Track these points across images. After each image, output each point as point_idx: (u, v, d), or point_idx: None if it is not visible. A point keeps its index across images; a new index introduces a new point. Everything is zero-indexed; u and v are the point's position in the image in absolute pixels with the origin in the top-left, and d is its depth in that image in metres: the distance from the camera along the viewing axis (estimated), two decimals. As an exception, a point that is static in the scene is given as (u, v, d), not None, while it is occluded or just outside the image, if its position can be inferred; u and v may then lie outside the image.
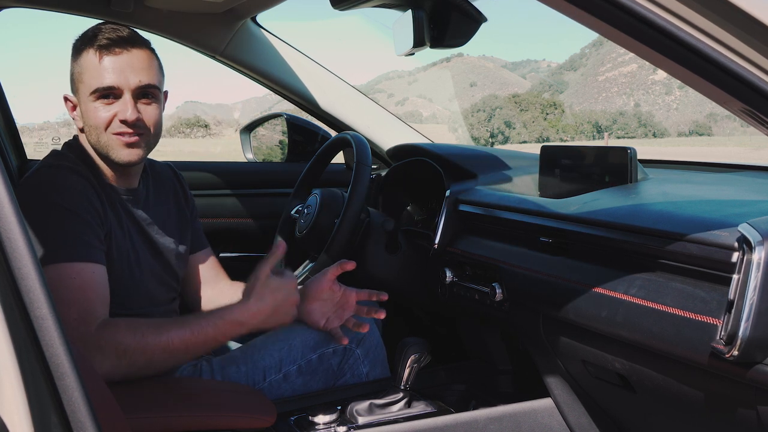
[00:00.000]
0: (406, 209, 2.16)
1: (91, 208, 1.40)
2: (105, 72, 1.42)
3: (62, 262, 1.33)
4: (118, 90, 1.43)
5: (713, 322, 1.06)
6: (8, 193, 0.71)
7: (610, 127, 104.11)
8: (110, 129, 1.44)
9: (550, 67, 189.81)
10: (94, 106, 1.44)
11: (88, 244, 1.37)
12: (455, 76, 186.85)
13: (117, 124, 1.44)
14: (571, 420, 1.57)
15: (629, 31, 0.88)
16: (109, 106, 1.43)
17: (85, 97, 1.45)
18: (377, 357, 1.67)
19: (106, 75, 1.42)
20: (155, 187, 1.63)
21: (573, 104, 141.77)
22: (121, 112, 1.43)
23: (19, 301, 0.70)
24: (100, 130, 1.44)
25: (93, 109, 1.44)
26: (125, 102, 1.43)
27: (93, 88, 1.43)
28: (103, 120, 1.43)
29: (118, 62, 1.43)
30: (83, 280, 1.33)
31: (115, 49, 1.43)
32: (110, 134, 1.44)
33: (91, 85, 1.43)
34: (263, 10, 2.17)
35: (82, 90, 1.45)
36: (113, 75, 1.42)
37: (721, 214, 1.17)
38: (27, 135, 46.39)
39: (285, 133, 2.61)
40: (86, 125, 1.46)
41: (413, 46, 1.20)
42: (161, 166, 1.70)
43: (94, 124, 1.44)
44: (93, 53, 1.43)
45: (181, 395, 1.37)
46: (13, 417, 0.65)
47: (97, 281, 1.36)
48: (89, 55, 1.44)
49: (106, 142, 1.45)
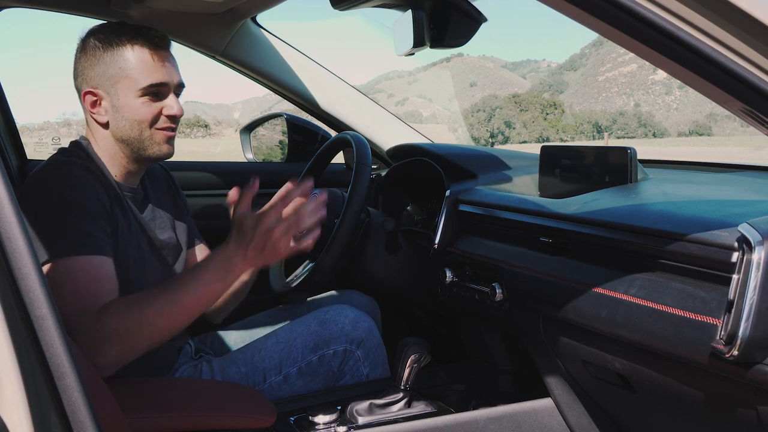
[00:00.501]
0: (406, 209, 2.16)
1: (99, 203, 1.40)
2: (158, 69, 1.46)
3: (71, 256, 1.33)
4: (166, 87, 1.47)
5: (713, 322, 1.06)
6: (8, 193, 0.71)
7: (610, 127, 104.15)
8: (156, 124, 1.48)
9: (550, 67, 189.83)
10: (141, 102, 1.46)
11: (96, 237, 1.37)
12: (455, 76, 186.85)
13: (164, 119, 1.48)
14: (571, 420, 1.57)
15: (629, 31, 0.88)
16: (156, 103, 1.47)
17: (128, 92, 1.45)
18: (377, 358, 1.67)
19: (159, 72, 1.46)
20: (152, 186, 1.64)
21: (573, 104, 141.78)
22: (168, 108, 1.48)
23: (19, 301, 0.70)
24: (144, 125, 1.47)
25: (139, 105, 1.46)
26: (172, 98, 1.49)
27: (145, 83, 1.45)
28: (150, 115, 1.47)
29: (168, 60, 1.48)
30: (91, 273, 1.34)
31: (164, 48, 1.48)
32: (155, 129, 1.48)
33: (140, 81, 1.45)
34: (263, 10, 2.17)
35: (126, 85, 1.45)
36: (165, 72, 1.46)
37: (721, 214, 1.17)
38: (27, 135, 46.38)
39: (285, 133, 2.61)
40: (125, 120, 1.47)
41: (413, 46, 1.20)
42: (153, 166, 1.71)
43: (138, 119, 1.46)
44: (143, 50, 1.45)
45: (181, 395, 1.37)
46: (13, 417, 0.65)
47: (104, 274, 1.36)
48: (136, 52, 1.45)
49: (148, 136, 1.48)
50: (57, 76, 56.60)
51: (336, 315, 1.64)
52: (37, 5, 2.08)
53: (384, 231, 1.91)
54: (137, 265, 1.48)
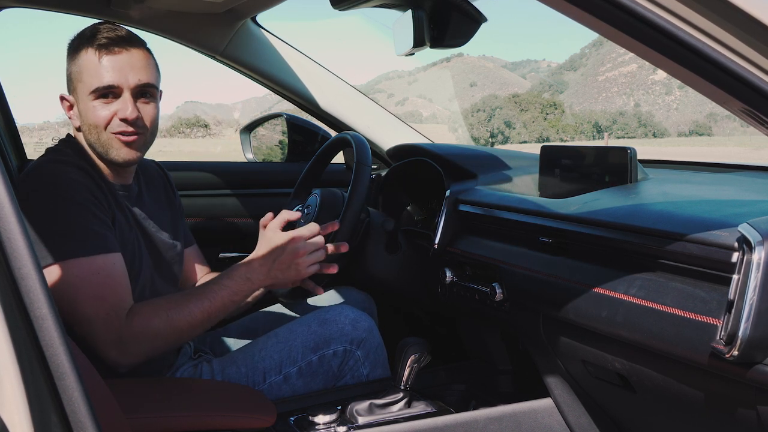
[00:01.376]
0: (406, 209, 2.16)
1: (96, 199, 1.41)
2: (105, 71, 1.42)
3: (82, 257, 1.34)
4: (117, 89, 1.43)
5: (713, 322, 1.06)
6: (8, 194, 0.71)
7: (610, 127, 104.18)
8: (110, 128, 1.44)
9: (550, 67, 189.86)
10: (93, 105, 1.44)
11: (103, 235, 1.38)
12: (455, 76, 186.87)
13: (117, 122, 1.44)
14: (571, 420, 1.57)
15: (629, 31, 0.88)
16: (109, 105, 1.44)
17: (84, 96, 1.45)
18: (378, 358, 1.67)
19: (105, 74, 1.42)
20: (146, 184, 1.64)
21: (573, 104, 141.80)
22: (120, 111, 1.43)
23: (19, 301, 0.70)
24: (100, 129, 1.44)
25: (92, 108, 1.44)
26: (125, 101, 1.44)
27: (93, 87, 1.43)
28: (102, 119, 1.44)
29: (117, 61, 1.43)
30: (107, 274, 1.36)
31: (114, 49, 1.43)
32: (110, 133, 1.45)
33: (90, 84, 1.43)
34: (263, 10, 2.17)
35: (80, 89, 1.45)
36: (113, 74, 1.43)
37: (721, 214, 1.17)
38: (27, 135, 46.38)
39: (285, 133, 2.61)
40: (84, 124, 1.47)
41: (413, 46, 1.20)
42: (148, 163, 1.72)
43: (93, 123, 1.45)
44: (92, 52, 1.43)
45: (181, 395, 1.37)
46: (13, 417, 0.65)
47: (118, 271, 1.39)
48: (88, 55, 1.44)
49: (105, 140, 1.45)
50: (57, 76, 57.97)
51: (336, 315, 1.64)
52: (37, 5, 2.08)
53: (384, 231, 1.91)
54: (135, 259, 1.49)
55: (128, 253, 1.47)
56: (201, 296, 1.42)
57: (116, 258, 1.38)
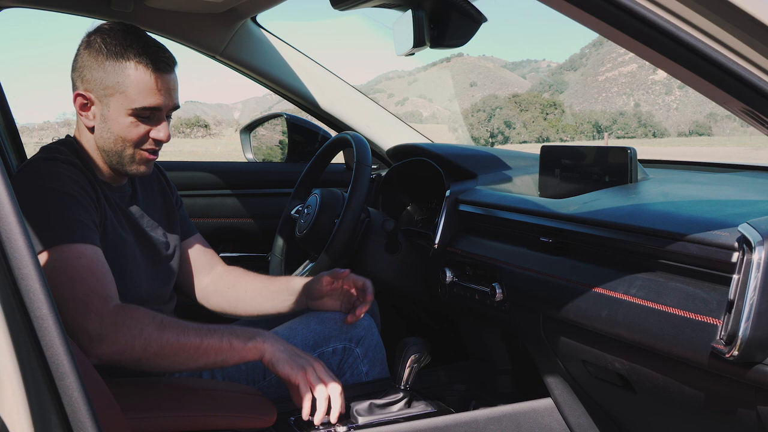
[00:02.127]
0: (406, 209, 2.16)
1: (86, 194, 1.40)
2: (156, 93, 1.42)
3: (66, 243, 1.33)
4: (160, 112, 1.45)
5: (713, 322, 1.06)
6: (8, 194, 0.71)
7: (610, 127, 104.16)
8: (140, 144, 1.46)
9: (550, 67, 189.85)
10: (130, 121, 1.43)
11: (88, 227, 1.37)
12: (455, 76, 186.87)
13: (150, 142, 1.46)
14: (571, 420, 1.57)
15: (629, 31, 0.88)
16: (144, 124, 1.44)
17: (120, 108, 1.43)
18: (376, 356, 1.67)
19: (155, 97, 1.42)
20: (141, 185, 1.64)
21: (573, 104, 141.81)
22: (156, 132, 1.45)
23: (19, 301, 0.70)
24: (129, 143, 1.45)
25: (128, 124, 1.43)
26: (162, 123, 1.46)
27: (139, 105, 1.42)
28: (137, 136, 1.44)
29: (167, 84, 1.44)
30: (88, 260, 1.34)
31: (168, 72, 1.45)
32: (138, 149, 1.46)
33: (136, 101, 1.41)
34: (263, 10, 2.17)
35: (119, 100, 1.42)
36: (162, 97, 1.43)
37: (721, 214, 1.17)
38: (27, 135, 46.39)
39: (285, 133, 2.61)
40: (109, 132, 1.45)
41: (413, 46, 1.20)
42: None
43: (123, 137, 1.44)
44: (147, 71, 1.41)
45: (181, 395, 1.37)
46: (13, 417, 0.65)
47: (100, 261, 1.36)
48: (140, 71, 1.41)
49: (129, 155, 1.46)
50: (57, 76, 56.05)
51: (335, 313, 1.65)
52: (37, 5, 2.08)
53: (384, 231, 1.91)
54: (128, 259, 1.49)
55: (120, 254, 1.46)
56: (205, 330, 1.35)
57: (98, 251, 1.36)
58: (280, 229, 2.11)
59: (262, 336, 1.38)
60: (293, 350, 1.39)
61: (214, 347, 1.34)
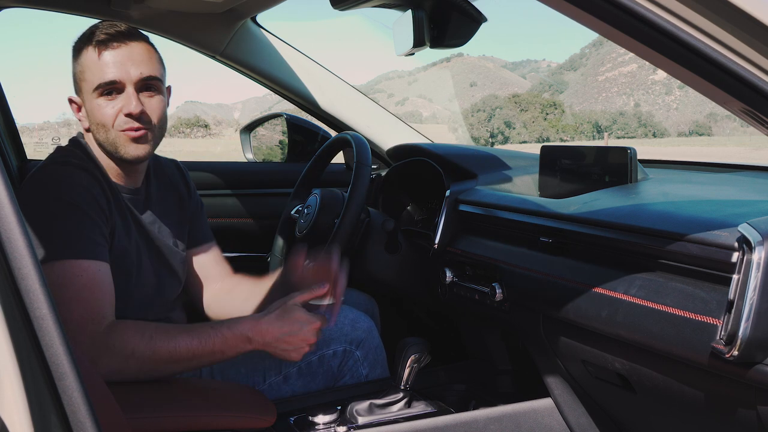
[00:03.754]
0: (406, 209, 2.16)
1: (97, 205, 1.39)
2: (106, 67, 1.41)
3: (68, 259, 1.32)
4: (120, 84, 1.41)
5: (713, 322, 1.06)
6: (8, 193, 0.71)
7: (610, 127, 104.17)
8: (116, 125, 1.42)
9: (550, 67, 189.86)
10: (98, 104, 1.42)
11: (94, 241, 1.36)
12: (455, 76, 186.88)
13: (122, 119, 1.42)
14: (571, 420, 1.57)
15: (629, 31, 0.88)
16: (113, 102, 1.42)
17: (88, 96, 1.43)
18: (377, 359, 1.67)
19: (107, 70, 1.41)
20: (158, 186, 1.61)
21: (573, 104, 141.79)
22: (125, 106, 1.41)
23: (19, 301, 0.70)
24: (107, 127, 1.43)
25: (97, 107, 1.42)
26: (128, 95, 1.42)
27: (95, 84, 1.41)
28: (108, 116, 1.42)
29: (117, 56, 1.41)
30: (90, 278, 1.33)
31: (113, 44, 1.42)
32: (117, 131, 1.42)
33: (93, 81, 1.42)
34: (263, 10, 2.17)
35: (84, 89, 1.44)
36: (114, 69, 1.41)
37: (721, 214, 1.17)
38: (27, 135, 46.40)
39: (285, 133, 2.61)
40: (92, 124, 1.45)
41: (413, 46, 1.20)
42: (166, 162, 1.68)
43: (100, 122, 1.43)
44: (92, 50, 1.42)
45: (181, 395, 1.37)
46: (13, 417, 0.65)
47: (103, 279, 1.35)
48: (89, 53, 1.43)
49: (113, 139, 1.43)
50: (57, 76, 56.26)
51: (337, 315, 1.64)
52: (37, 5, 2.08)
53: (384, 231, 1.91)
54: (135, 268, 1.48)
55: (128, 262, 1.46)
56: (192, 333, 1.36)
57: (102, 266, 1.36)
58: (280, 229, 2.11)
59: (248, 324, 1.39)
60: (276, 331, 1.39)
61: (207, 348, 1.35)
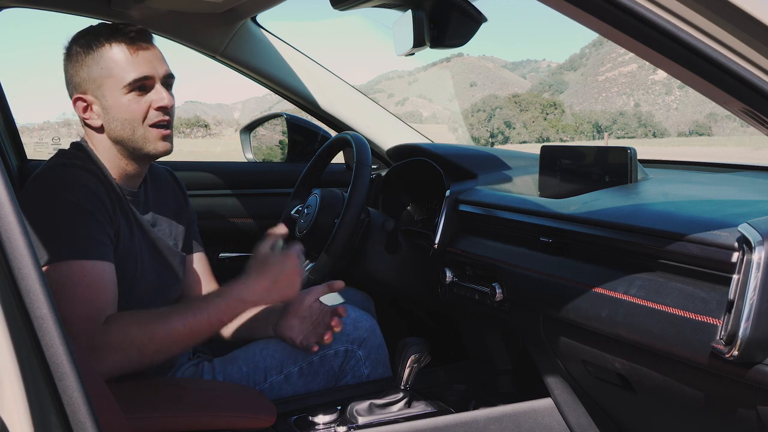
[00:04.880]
0: (406, 209, 2.16)
1: (102, 206, 1.40)
2: (141, 63, 1.43)
3: (74, 260, 1.33)
4: (151, 80, 1.44)
5: (713, 322, 1.06)
6: (8, 193, 0.71)
7: (610, 127, 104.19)
8: (147, 120, 1.44)
9: (550, 67, 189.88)
10: (126, 100, 1.43)
11: (100, 242, 1.37)
12: (455, 76, 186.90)
13: (154, 113, 1.44)
14: (571, 420, 1.57)
15: (629, 31, 0.88)
16: (143, 97, 1.44)
17: (114, 91, 1.43)
18: (379, 358, 1.67)
19: (142, 66, 1.43)
20: (155, 190, 1.62)
21: (573, 104, 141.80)
22: (156, 100, 1.44)
23: (19, 301, 0.70)
24: (137, 122, 1.44)
25: (127, 103, 1.43)
26: (158, 90, 1.45)
27: (127, 80, 1.42)
28: (140, 111, 1.44)
29: (148, 54, 1.45)
30: (93, 279, 1.34)
31: (143, 44, 1.45)
32: (147, 126, 1.44)
33: (123, 78, 1.42)
34: (263, 10, 2.17)
35: (109, 85, 1.43)
36: (147, 65, 1.44)
37: (721, 214, 1.17)
38: (27, 135, 46.41)
39: (285, 133, 2.61)
40: (115, 121, 1.45)
41: (413, 46, 1.20)
42: (159, 170, 1.70)
43: (129, 118, 1.44)
44: (121, 47, 1.43)
45: (181, 395, 1.37)
46: (13, 417, 0.65)
47: (106, 280, 1.36)
48: (115, 50, 1.43)
49: (142, 135, 1.45)
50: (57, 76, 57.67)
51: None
52: (37, 5, 2.08)
53: (384, 231, 1.91)
54: (138, 269, 1.48)
55: (131, 262, 1.46)
56: (186, 310, 1.38)
57: (106, 266, 1.37)
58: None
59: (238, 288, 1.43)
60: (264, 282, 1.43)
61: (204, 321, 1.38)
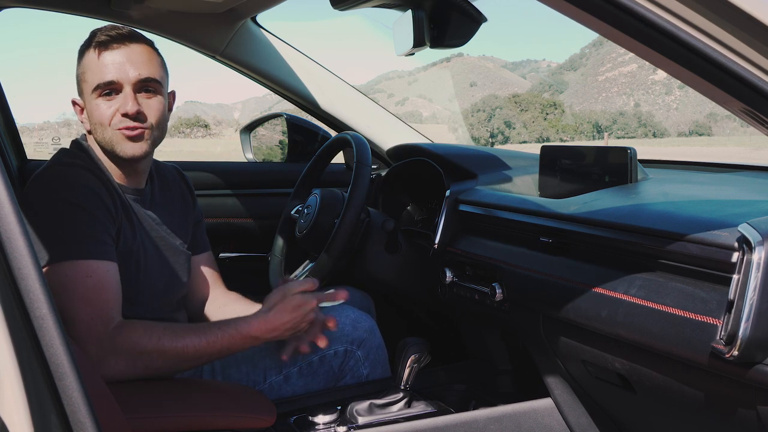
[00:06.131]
0: (406, 209, 2.16)
1: (103, 205, 1.40)
2: (104, 68, 1.44)
3: (76, 260, 1.33)
4: (118, 84, 1.44)
5: (713, 322, 1.06)
6: (8, 193, 0.71)
7: (610, 127, 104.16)
8: (113, 124, 1.45)
9: (550, 67, 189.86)
10: (96, 103, 1.45)
11: (102, 242, 1.38)
12: (455, 76, 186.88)
13: (119, 118, 1.44)
14: (571, 420, 1.57)
15: (629, 31, 0.88)
16: (111, 102, 1.45)
17: (88, 96, 1.46)
18: (378, 359, 1.67)
19: (105, 71, 1.43)
20: (161, 189, 1.62)
21: (573, 104, 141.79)
22: (121, 106, 1.44)
23: (19, 301, 0.70)
24: (105, 126, 1.45)
25: (96, 106, 1.45)
26: (125, 96, 1.44)
27: (94, 84, 1.44)
28: (106, 116, 1.44)
29: (116, 57, 1.44)
30: (98, 279, 1.34)
31: (112, 45, 1.44)
32: (114, 129, 1.45)
33: (92, 82, 1.44)
34: (263, 10, 2.17)
35: (85, 89, 1.47)
36: (112, 70, 1.44)
37: (721, 214, 1.17)
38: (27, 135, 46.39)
39: (285, 133, 2.61)
40: (92, 123, 1.48)
41: (413, 46, 1.20)
42: (167, 168, 1.70)
43: (98, 121, 1.45)
44: (93, 52, 1.45)
45: (181, 395, 1.37)
46: (13, 417, 0.65)
47: (111, 280, 1.37)
48: (89, 55, 1.46)
49: (110, 137, 1.45)
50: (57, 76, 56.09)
51: (337, 315, 1.64)
52: (37, 5, 2.08)
53: (384, 231, 1.91)
54: (141, 268, 1.48)
55: (133, 262, 1.46)
56: (200, 333, 1.39)
57: (110, 267, 1.37)
58: (280, 229, 2.11)
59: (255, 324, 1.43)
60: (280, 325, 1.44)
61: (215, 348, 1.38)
